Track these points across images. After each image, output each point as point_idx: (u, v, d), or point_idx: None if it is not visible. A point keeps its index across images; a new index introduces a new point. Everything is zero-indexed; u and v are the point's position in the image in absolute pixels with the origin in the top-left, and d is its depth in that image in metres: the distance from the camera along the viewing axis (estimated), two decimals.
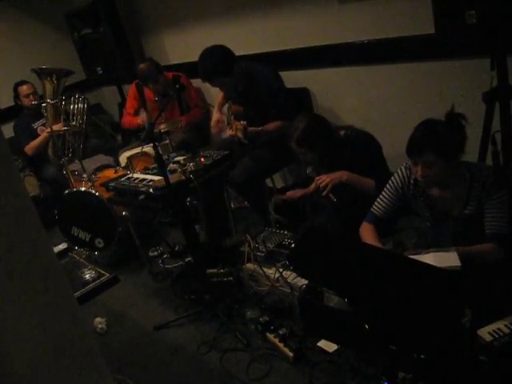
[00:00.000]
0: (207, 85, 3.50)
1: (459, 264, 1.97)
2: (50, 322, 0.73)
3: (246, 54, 3.77)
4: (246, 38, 3.88)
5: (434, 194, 2.28)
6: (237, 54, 3.36)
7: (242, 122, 3.21)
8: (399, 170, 2.39)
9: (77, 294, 3.33)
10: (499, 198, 2.11)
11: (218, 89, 3.62)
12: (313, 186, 2.93)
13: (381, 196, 2.46)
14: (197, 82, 4.28)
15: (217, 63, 3.21)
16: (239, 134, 3.19)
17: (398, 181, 2.38)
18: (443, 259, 2.01)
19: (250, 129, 3.23)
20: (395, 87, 3.19)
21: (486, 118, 2.38)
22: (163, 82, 4.05)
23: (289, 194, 3.03)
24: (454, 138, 2.08)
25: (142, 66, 4.02)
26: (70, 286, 0.87)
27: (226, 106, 3.62)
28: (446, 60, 2.85)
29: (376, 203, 2.47)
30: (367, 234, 2.46)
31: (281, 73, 3.42)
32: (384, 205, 2.44)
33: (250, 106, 3.47)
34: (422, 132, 2.11)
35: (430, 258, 2.03)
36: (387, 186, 2.43)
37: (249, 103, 3.47)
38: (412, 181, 2.33)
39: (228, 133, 3.36)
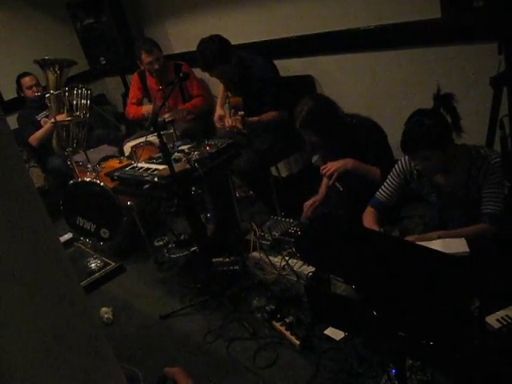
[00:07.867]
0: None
1: (467, 250, 1.96)
2: (56, 312, 0.72)
3: (249, 42, 3.74)
4: (249, 26, 3.84)
5: (439, 180, 2.30)
6: (240, 42, 3.35)
7: (239, 112, 3.22)
8: (402, 158, 2.42)
9: (82, 283, 3.32)
10: (494, 178, 2.13)
11: (219, 83, 3.61)
12: (323, 188, 2.93)
13: (385, 182, 2.49)
14: (200, 73, 4.26)
15: (216, 51, 3.24)
16: (238, 125, 3.22)
17: (402, 169, 2.42)
18: (451, 245, 2.01)
19: (249, 119, 3.24)
20: (400, 74, 3.16)
21: (494, 102, 2.36)
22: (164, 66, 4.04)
23: (307, 210, 2.98)
24: (444, 125, 2.11)
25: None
26: (75, 273, 0.86)
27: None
28: (453, 45, 2.81)
29: (380, 189, 2.51)
30: (367, 216, 2.52)
31: (284, 60, 3.40)
32: (387, 191, 2.47)
33: (248, 96, 3.48)
34: (411, 129, 2.13)
35: (438, 245, 2.02)
36: (391, 173, 2.47)
37: (246, 94, 3.48)
38: (415, 169, 2.34)
39: (227, 125, 3.35)
